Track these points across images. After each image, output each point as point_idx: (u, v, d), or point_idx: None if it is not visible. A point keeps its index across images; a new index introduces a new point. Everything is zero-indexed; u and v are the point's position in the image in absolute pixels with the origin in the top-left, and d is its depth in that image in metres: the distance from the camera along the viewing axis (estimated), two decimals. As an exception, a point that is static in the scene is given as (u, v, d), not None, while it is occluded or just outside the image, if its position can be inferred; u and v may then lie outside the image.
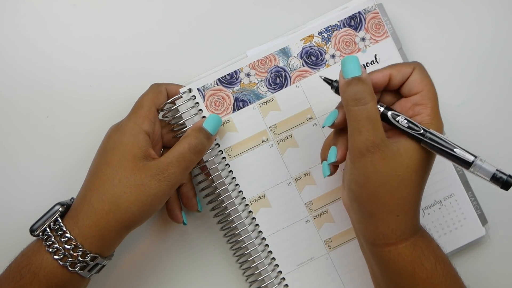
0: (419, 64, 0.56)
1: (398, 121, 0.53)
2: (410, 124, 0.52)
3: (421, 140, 0.52)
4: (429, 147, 0.52)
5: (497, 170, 0.49)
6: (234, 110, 0.66)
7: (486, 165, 0.50)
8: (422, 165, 0.53)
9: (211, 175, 0.66)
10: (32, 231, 0.59)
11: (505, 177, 0.48)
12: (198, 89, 0.66)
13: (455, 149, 0.51)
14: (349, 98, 0.52)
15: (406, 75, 0.55)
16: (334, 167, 0.57)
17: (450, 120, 0.69)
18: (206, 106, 0.66)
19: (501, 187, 0.49)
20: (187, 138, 0.61)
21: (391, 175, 0.52)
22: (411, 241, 0.54)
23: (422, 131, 0.52)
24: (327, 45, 0.67)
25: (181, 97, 0.65)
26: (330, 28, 0.67)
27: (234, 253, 0.67)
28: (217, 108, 0.66)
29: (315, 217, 0.67)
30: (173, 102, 0.65)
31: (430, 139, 0.52)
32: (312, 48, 0.67)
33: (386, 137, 0.52)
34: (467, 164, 0.49)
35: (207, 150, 0.63)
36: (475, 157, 0.50)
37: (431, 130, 0.52)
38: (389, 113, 0.53)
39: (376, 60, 0.67)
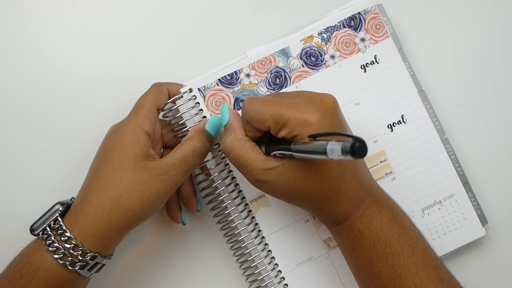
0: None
1: (275, 155, 0.57)
2: (282, 152, 0.56)
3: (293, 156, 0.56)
4: (302, 157, 0.55)
5: (343, 143, 0.47)
6: (234, 110, 0.66)
7: (334, 145, 0.48)
8: (309, 168, 0.56)
9: (211, 175, 0.66)
10: (32, 230, 0.59)
11: (348, 144, 0.46)
12: (199, 89, 0.66)
13: (311, 153, 0.52)
14: (223, 150, 0.60)
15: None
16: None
17: (450, 120, 0.69)
18: (206, 106, 0.66)
19: (354, 156, 0.46)
20: (191, 141, 0.61)
21: (288, 190, 0.57)
22: (347, 224, 0.58)
23: (289, 153, 0.55)
24: (327, 45, 0.67)
25: (182, 97, 0.65)
26: (330, 28, 0.67)
27: (234, 253, 0.67)
28: (218, 108, 0.66)
29: (314, 217, 0.67)
30: (174, 102, 0.65)
31: (297, 155, 0.54)
32: (311, 49, 0.67)
33: (263, 168, 0.57)
34: (324, 154, 0.48)
35: (209, 152, 0.63)
36: (325, 147, 0.48)
37: (292, 147, 0.54)
38: (271, 153, 0.57)
39: (376, 61, 0.67)
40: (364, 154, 0.45)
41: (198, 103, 0.66)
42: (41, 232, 0.59)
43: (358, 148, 0.45)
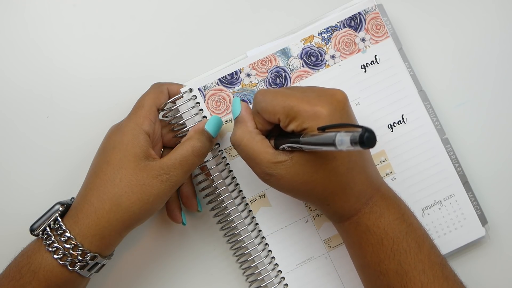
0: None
1: (284, 149, 0.57)
2: (291, 145, 0.56)
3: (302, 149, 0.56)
4: (310, 150, 0.55)
5: (352, 133, 0.47)
6: (234, 110, 0.66)
7: (343, 136, 0.47)
8: (318, 162, 0.56)
9: (211, 175, 0.66)
10: (32, 230, 0.59)
11: (357, 135, 0.45)
12: (199, 89, 0.66)
13: (320, 145, 0.51)
14: (232, 142, 0.60)
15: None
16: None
17: (450, 120, 0.69)
18: (206, 106, 0.66)
19: (363, 146, 0.45)
20: (191, 141, 0.61)
21: (296, 184, 0.57)
22: (354, 219, 0.58)
23: (298, 145, 0.55)
24: (327, 45, 0.67)
25: (182, 96, 0.65)
26: (330, 28, 0.67)
27: (234, 253, 0.67)
28: (218, 108, 0.66)
29: (314, 217, 0.67)
30: (174, 102, 0.65)
31: (306, 147, 0.54)
32: (312, 49, 0.67)
33: (272, 161, 0.57)
34: (333, 145, 0.48)
35: (209, 152, 0.63)
36: (334, 138, 0.48)
37: (301, 139, 0.54)
38: (280, 146, 0.57)
39: (376, 61, 0.67)
40: (373, 144, 0.45)
41: (198, 103, 0.66)
42: (41, 232, 0.59)
43: (367, 138, 0.44)
